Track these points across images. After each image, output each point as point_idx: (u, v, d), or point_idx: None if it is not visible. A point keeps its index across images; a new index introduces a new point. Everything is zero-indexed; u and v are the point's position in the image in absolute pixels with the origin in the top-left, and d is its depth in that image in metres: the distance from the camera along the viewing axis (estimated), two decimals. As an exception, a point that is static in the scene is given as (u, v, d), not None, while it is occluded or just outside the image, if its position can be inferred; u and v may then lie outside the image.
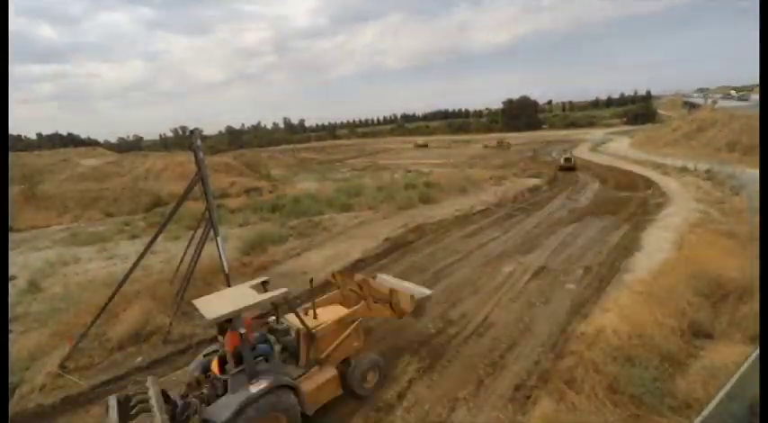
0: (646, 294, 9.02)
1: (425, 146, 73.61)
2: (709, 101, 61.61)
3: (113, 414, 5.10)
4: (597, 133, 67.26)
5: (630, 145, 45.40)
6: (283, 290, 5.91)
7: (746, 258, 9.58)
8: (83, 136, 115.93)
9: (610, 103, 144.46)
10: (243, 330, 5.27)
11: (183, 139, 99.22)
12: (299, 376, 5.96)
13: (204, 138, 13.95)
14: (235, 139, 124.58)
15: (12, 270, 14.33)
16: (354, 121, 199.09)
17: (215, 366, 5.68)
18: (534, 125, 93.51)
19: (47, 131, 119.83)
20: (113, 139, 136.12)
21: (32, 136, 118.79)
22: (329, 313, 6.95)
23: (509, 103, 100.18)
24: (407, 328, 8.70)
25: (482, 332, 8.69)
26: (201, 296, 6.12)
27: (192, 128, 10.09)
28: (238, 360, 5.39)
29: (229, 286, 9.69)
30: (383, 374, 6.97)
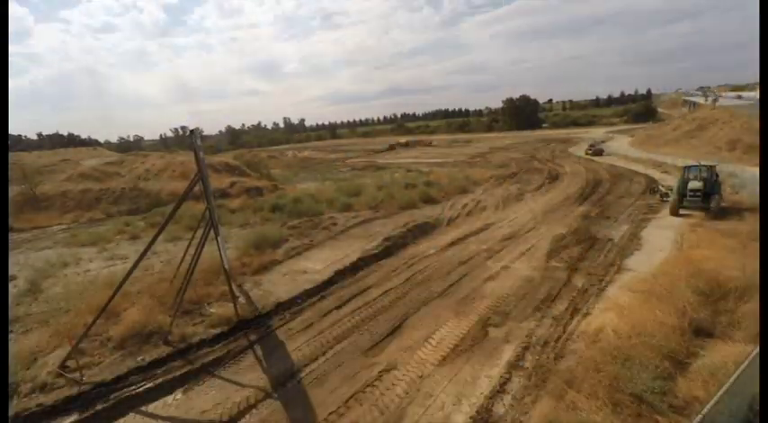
0: (646, 293, 9.02)
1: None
2: (710, 99, 61.51)
3: None
4: (597, 132, 67.25)
5: (631, 144, 45.33)
6: None
7: (747, 257, 9.58)
8: (83, 136, 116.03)
9: (610, 101, 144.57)
10: None
11: (184, 139, 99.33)
12: None
13: (204, 137, 13.93)
14: (235, 138, 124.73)
15: (12, 270, 14.36)
16: (355, 120, 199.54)
17: None
18: (534, 124, 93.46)
19: (47, 131, 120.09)
20: (114, 139, 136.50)
21: (33, 136, 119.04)
22: None
23: (509, 101, 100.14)
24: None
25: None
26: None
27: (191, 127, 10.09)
28: None
29: (230, 286, 9.73)
30: None
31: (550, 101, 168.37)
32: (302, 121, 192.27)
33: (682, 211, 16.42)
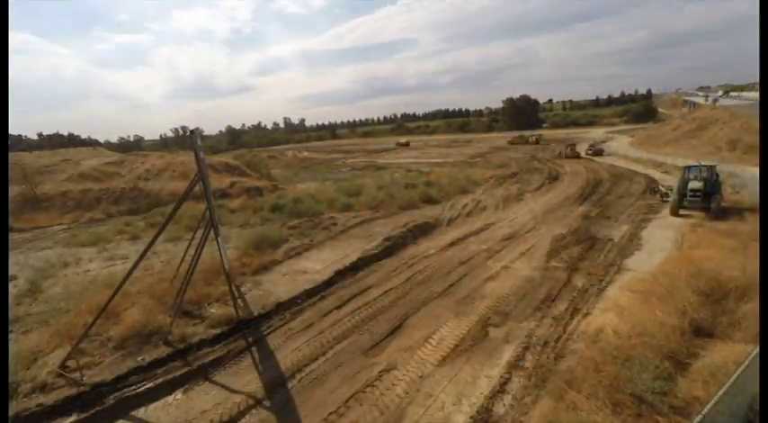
0: (646, 293, 9.02)
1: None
2: (710, 99, 61.50)
3: None
4: (598, 132, 67.24)
5: (631, 144, 45.31)
6: None
7: (747, 257, 9.58)
8: (83, 136, 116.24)
9: (610, 101, 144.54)
10: None
11: (184, 139, 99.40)
12: None
13: (204, 137, 13.92)
14: (235, 138, 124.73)
15: (12, 270, 14.37)
16: (354, 120, 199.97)
17: None
18: (535, 124, 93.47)
19: (47, 131, 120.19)
20: (114, 139, 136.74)
21: (33, 136, 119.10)
22: None
23: (509, 101, 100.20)
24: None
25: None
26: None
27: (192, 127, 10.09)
28: None
29: (230, 286, 9.73)
30: None
31: (550, 101, 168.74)
32: (302, 121, 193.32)
33: (682, 211, 16.41)
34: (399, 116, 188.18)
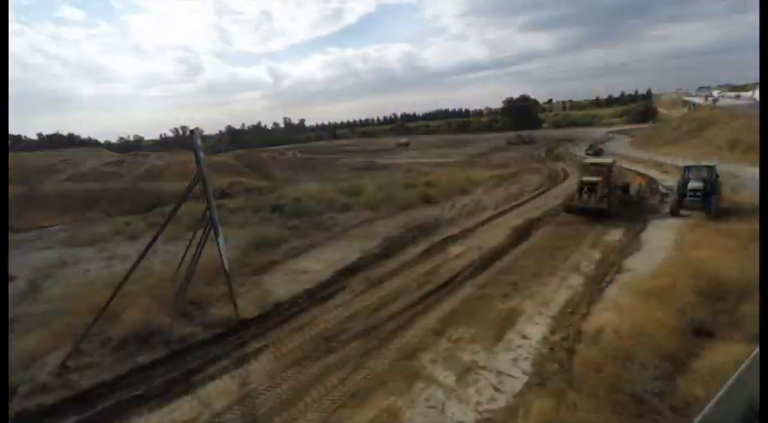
0: (646, 293, 9.02)
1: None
2: (710, 99, 61.50)
3: None
4: (597, 132, 67.28)
5: (631, 144, 45.39)
6: None
7: (747, 257, 9.59)
8: (83, 136, 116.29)
9: (610, 101, 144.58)
10: None
11: (184, 139, 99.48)
12: None
13: (204, 137, 13.94)
14: (235, 139, 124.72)
15: (12, 270, 14.35)
16: (354, 120, 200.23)
17: None
18: (535, 124, 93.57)
19: (47, 132, 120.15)
20: (114, 139, 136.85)
21: (33, 136, 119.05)
22: None
23: (509, 101, 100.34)
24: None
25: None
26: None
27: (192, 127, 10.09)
28: None
29: (230, 286, 9.72)
30: None
31: (550, 101, 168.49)
32: (302, 121, 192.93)
33: (681, 212, 16.41)
34: (399, 116, 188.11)
